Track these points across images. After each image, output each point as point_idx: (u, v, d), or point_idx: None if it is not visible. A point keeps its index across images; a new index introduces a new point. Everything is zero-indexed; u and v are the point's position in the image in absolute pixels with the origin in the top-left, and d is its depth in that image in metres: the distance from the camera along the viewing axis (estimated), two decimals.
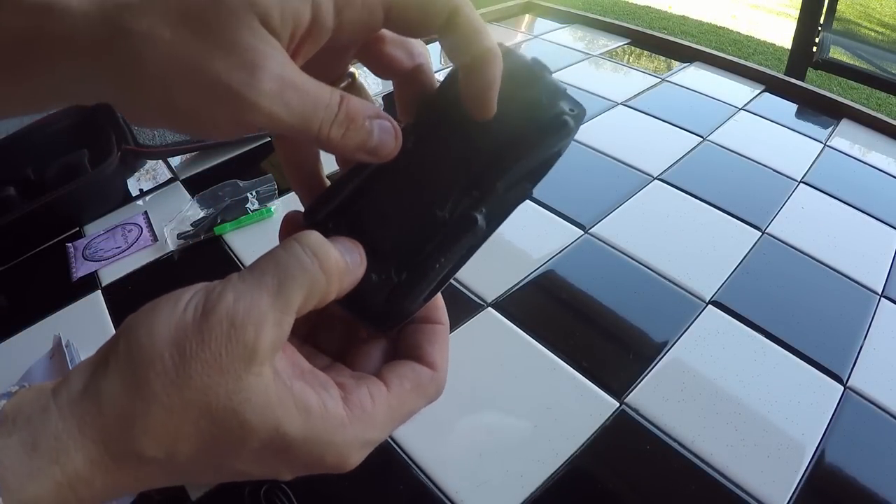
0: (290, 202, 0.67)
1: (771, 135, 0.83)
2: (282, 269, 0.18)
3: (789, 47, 1.61)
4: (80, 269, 0.59)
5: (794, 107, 0.91)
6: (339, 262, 0.20)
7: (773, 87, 0.95)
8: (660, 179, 0.72)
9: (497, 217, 0.24)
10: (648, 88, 0.94)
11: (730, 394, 0.47)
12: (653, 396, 0.47)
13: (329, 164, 0.26)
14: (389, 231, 0.23)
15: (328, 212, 0.23)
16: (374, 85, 0.96)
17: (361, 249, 0.22)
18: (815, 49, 1.54)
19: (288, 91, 0.18)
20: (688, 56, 1.05)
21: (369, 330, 0.24)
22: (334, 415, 0.19)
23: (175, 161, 0.75)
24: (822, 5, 1.55)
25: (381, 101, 0.91)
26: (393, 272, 0.23)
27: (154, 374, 0.16)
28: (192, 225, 0.63)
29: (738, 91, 0.94)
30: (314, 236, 0.20)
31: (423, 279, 0.22)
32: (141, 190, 0.71)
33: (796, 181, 0.73)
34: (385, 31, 0.22)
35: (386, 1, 0.20)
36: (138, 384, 0.16)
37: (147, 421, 0.16)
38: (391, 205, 0.24)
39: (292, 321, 0.18)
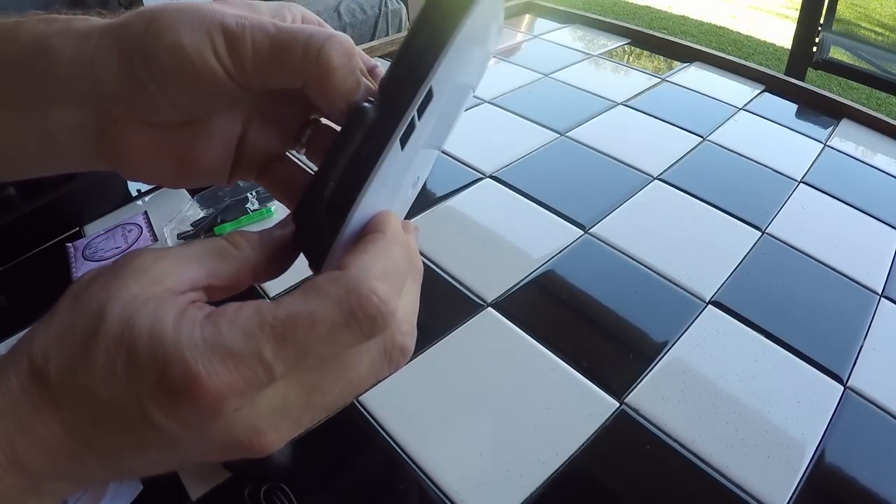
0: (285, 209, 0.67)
1: (771, 135, 0.83)
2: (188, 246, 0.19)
3: (789, 47, 1.61)
4: (81, 269, 0.59)
5: (794, 107, 0.91)
6: (251, 236, 0.20)
7: (773, 87, 0.95)
8: (660, 179, 0.72)
9: (396, 99, 0.20)
10: (648, 88, 0.94)
11: (730, 394, 0.47)
12: (653, 396, 0.47)
13: None
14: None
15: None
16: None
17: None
18: (815, 49, 1.54)
19: (266, 24, 0.20)
20: (688, 56, 1.05)
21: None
22: (189, 317, 0.16)
23: None
24: (822, 5, 1.55)
25: None
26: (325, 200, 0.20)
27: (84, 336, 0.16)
28: (192, 225, 0.63)
29: (738, 91, 0.94)
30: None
31: (314, 186, 0.19)
32: (140, 190, 0.71)
33: (796, 181, 0.73)
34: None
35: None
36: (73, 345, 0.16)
37: (39, 327, 0.16)
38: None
39: (199, 275, 0.18)
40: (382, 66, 0.21)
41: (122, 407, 0.15)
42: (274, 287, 0.55)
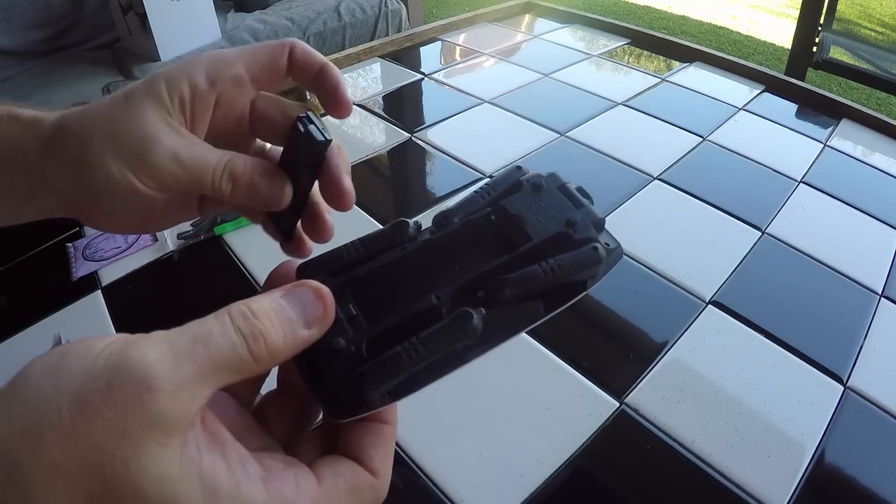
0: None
1: (771, 135, 0.83)
2: (212, 343, 0.17)
3: (789, 47, 1.61)
4: (80, 269, 0.59)
5: (794, 107, 0.91)
6: (275, 346, 0.18)
7: (773, 87, 0.95)
8: (660, 179, 0.72)
9: (500, 328, 0.22)
10: (648, 88, 0.94)
11: (730, 394, 0.47)
12: (653, 396, 0.47)
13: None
14: (378, 306, 0.22)
15: (322, 268, 0.22)
16: (373, 84, 0.96)
17: (329, 302, 0.20)
18: (815, 49, 1.54)
19: (181, 156, 0.24)
20: (688, 56, 1.05)
21: (319, 407, 0.22)
22: (247, 496, 0.17)
23: None
24: (822, 5, 1.55)
25: (381, 100, 0.91)
26: (364, 347, 0.21)
27: (49, 426, 0.15)
28: (192, 225, 0.63)
29: (738, 91, 0.94)
30: (251, 303, 0.19)
31: (389, 366, 0.20)
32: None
33: (796, 181, 0.73)
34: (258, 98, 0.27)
35: (246, 62, 0.26)
36: (30, 433, 0.15)
37: (36, 473, 0.15)
38: (391, 282, 0.22)
39: (210, 394, 0.17)
40: (382, 66, 0.22)
41: None
42: None
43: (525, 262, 0.22)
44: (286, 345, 0.19)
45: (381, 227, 0.24)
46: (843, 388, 0.48)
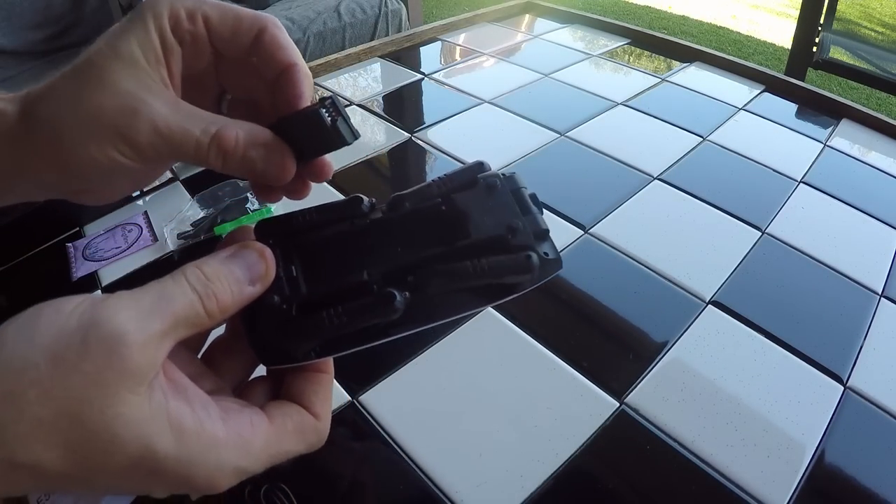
0: (289, 202, 0.67)
1: (771, 135, 0.83)
2: (173, 301, 0.19)
3: (789, 47, 1.61)
4: (80, 269, 0.59)
5: (794, 107, 0.91)
6: (225, 303, 0.21)
7: (773, 87, 0.95)
8: (660, 179, 0.72)
9: (426, 312, 0.23)
10: (648, 88, 0.94)
11: (730, 394, 0.47)
12: (653, 396, 0.47)
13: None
14: (317, 272, 0.24)
15: (277, 227, 0.25)
16: (373, 84, 0.96)
17: (270, 263, 0.23)
18: (815, 49, 1.54)
19: (161, 128, 0.22)
20: (688, 56, 1.05)
21: (253, 350, 0.24)
22: (210, 434, 0.19)
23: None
24: (822, 5, 1.55)
25: (381, 100, 0.91)
26: (294, 308, 0.23)
27: (28, 382, 0.16)
28: (192, 225, 0.63)
29: (738, 91, 0.94)
30: (202, 264, 0.21)
31: (314, 329, 0.22)
32: (141, 190, 0.71)
33: (796, 181, 0.73)
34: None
35: (206, 17, 0.23)
36: (12, 390, 0.16)
37: (18, 428, 0.16)
38: (335, 253, 0.24)
39: (171, 347, 0.19)
40: (382, 66, 0.22)
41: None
42: None
43: (460, 256, 0.23)
44: (234, 301, 0.21)
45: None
46: (843, 388, 0.48)
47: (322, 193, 0.67)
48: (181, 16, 0.23)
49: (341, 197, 0.67)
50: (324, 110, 0.23)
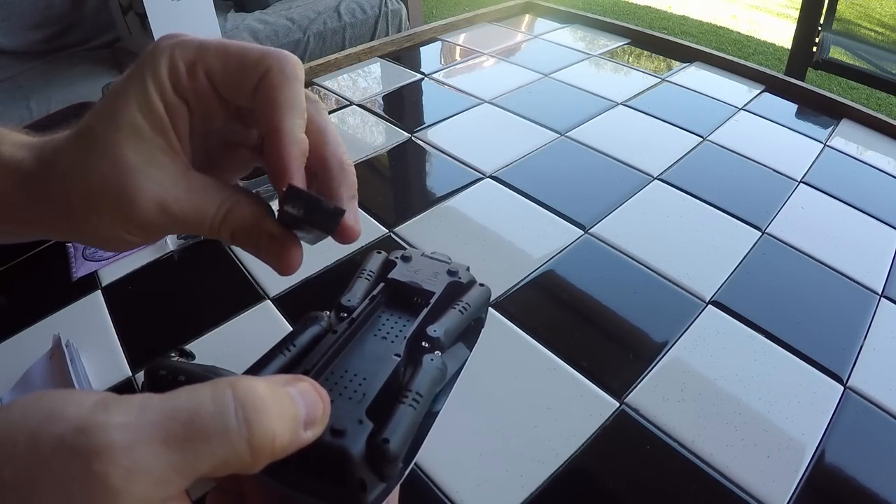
0: None
1: (771, 135, 0.83)
2: (198, 425, 0.14)
3: (789, 47, 1.61)
4: (80, 269, 0.59)
5: (794, 107, 0.91)
6: (278, 436, 0.15)
7: (773, 87, 0.95)
8: (660, 179, 0.72)
9: (453, 359, 0.26)
10: (648, 88, 0.94)
11: (730, 394, 0.47)
12: (653, 396, 0.47)
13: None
14: (347, 384, 0.22)
15: (266, 371, 0.23)
16: (373, 84, 0.96)
17: (327, 401, 0.18)
18: (815, 49, 1.54)
19: (169, 207, 0.20)
20: (688, 56, 1.05)
21: None
22: None
23: None
24: (822, 5, 1.55)
25: (381, 100, 0.91)
26: (366, 418, 0.20)
27: (4, 458, 0.13)
28: None
29: (738, 91, 0.94)
30: (257, 386, 0.15)
31: (402, 420, 0.21)
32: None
33: (796, 181, 0.73)
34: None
35: (208, 69, 0.21)
36: None
37: None
38: (347, 362, 0.24)
39: (186, 485, 0.14)
40: (382, 66, 0.22)
41: None
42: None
43: (440, 311, 0.27)
44: (290, 444, 0.16)
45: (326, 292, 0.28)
46: (843, 388, 0.48)
47: None
48: (181, 72, 0.21)
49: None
50: (294, 200, 0.21)
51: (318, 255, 0.59)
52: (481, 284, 0.30)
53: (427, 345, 0.25)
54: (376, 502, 0.20)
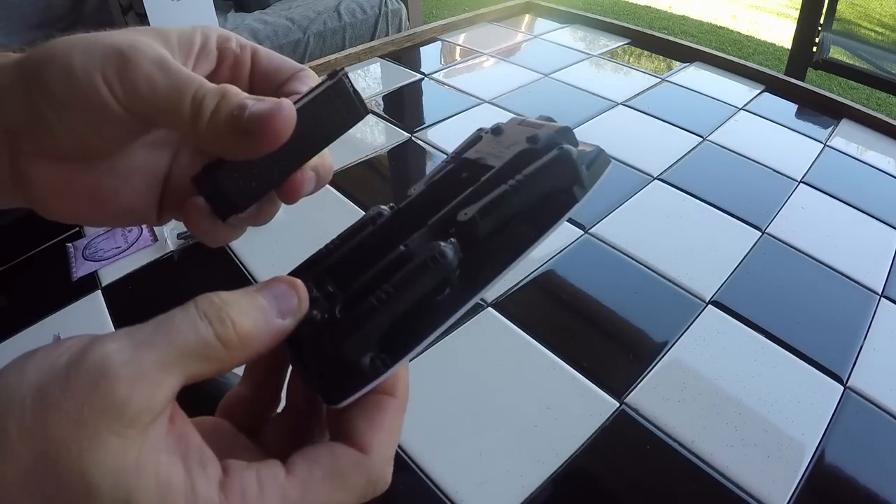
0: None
1: (771, 135, 0.83)
2: (174, 329, 0.17)
3: (789, 47, 1.61)
4: (80, 269, 0.59)
5: (794, 107, 0.91)
6: (245, 329, 0.17)
7: (773, 87, 0.95)
8: (660, 179, 0.72)
9: (486, 265, 0.19)
10: (648, 88, 0.94)
11: (730, 394, 0.47)
12: (653, 396, 0.47)
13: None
14: (352, 275, 0.21)
15: (307, 272, 0.22)
16: (373, 84, 0.96)
17: (302, 291, 0.19)
18: (815, 49, 1.54)
19: (167, 63, 0.20)
20: (688, 56, 1.05)
21: (315, 393, 0.20)
22: (203, 499, 0.16)
23: None
24: (822, 5, 1.55)
25: (381, 100, 0.91)
26: (337, 311, 0.20)
27: (11, 418, 0.15)
28: None
29: (738, 91, 0.94)
30: (220, 292, 0.18)
31: (366, 317, 0.18)
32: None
33: (796, 181, 0.73)
34: None
35: (255, 52, 0.24)
36: None
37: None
38: (365, 256, 0.21)
39: (177, 386, 0.16)
40: (382, 66, 0.22)
41: None
42: None
43: (491, 187, 0.20)
44: (258, 331, 0.18)
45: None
46: (843, 388, 0.48)
47: (323, 195, 0.67)
48: (232, 38, 0.23)
49: (343, 198, 0.67)
50: (344, 79, 0.21)
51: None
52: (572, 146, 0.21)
53: (453, 232, 0.19)
54: (338, 396, 0.18)
